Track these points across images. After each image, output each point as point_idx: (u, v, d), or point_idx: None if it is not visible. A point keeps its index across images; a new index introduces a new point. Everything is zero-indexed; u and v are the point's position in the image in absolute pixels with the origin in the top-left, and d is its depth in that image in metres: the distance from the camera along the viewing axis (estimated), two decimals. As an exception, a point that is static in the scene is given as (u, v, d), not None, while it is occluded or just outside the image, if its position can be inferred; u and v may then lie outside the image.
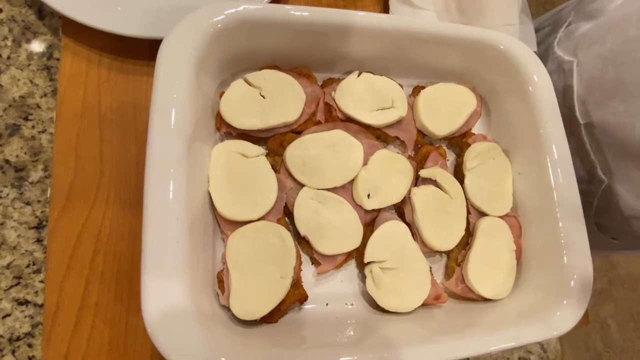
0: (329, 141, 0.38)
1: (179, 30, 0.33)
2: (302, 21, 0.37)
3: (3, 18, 0.40)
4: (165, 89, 0.32)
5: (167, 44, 0.32)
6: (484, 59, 0.42)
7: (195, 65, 0.33)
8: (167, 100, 0.32)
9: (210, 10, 0.34)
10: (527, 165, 0.42)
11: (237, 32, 0.35)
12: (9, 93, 0.38)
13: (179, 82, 0.32)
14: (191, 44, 0.33)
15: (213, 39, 0.34)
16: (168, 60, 0.32)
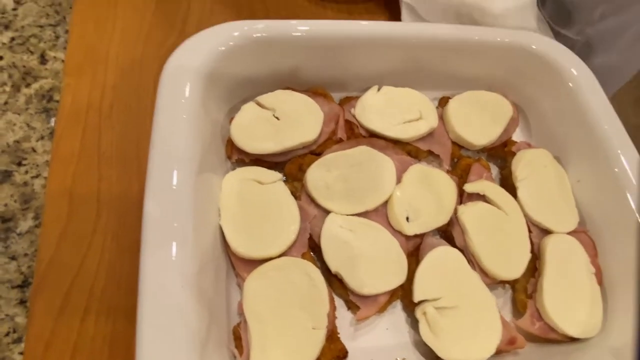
0: (354, 159, 0.32)
1: (183, 51, 0.28)
2: (314, 35, 0.32)
3: (3, 65, 0.37)
4: (168, 114, 0.27)
5: (171, 65, 0.28)
6: (514, 61, 0.36)
7: (202, 88, 0.28)
8: (170, 127, 0.27)
9: (216, 30, 0.30)
10: (586, 170, 0.34)
11: (245, 51, 0.31)
12: (4, 138, 0.33)
13: (183, 106, 0.27)
14: (196, 65, 0.28)
15: (220, 60, 0.29)
16: (171, 82, 0.27)
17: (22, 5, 0.40)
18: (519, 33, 0.36)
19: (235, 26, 0.30)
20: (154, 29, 0.39)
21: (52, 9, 0.40)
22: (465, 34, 0.35)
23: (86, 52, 0.37)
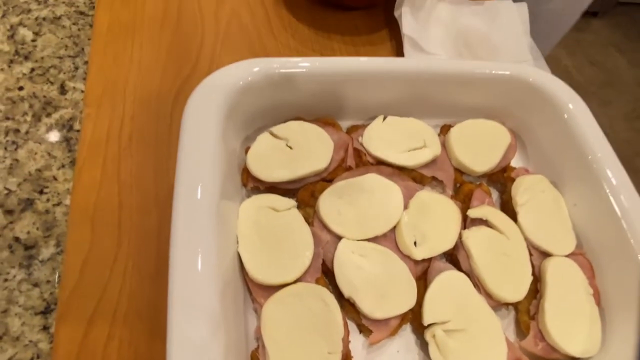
0: (364, 186, 0.33)
1: (206, 87, 0.30)
2: (324, 71, 0.34)
3: (24, 95, 0.38)
4: (192, 147, 0.29)
5: (194, 101, 0.29)
6: (512, 93, 0.38)
7: (222, 121, 0.30)
8: (194, 159, 0.28)
9: (235, 67, 0.32)
10: (581, 195, 0.36)
11: (261, 87, 0.33)
12: (26, 167, 0.35)
13: (206, 139, 0.29)
14: (218, 101, 0.30)
15: (239, 95, 0.31)
16: (195, 117, 0.29)
17: (41, 37, 0.42)
18: (518, 67, 0.38)
19: (253, 63, 0.32)
20: (169, 61, 0.41)
21: (71, 41, 0.42)
22: (466, 67, 0.37)
23: (105, 84, 0.38)
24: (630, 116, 2.00)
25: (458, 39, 0.50)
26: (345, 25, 0.48)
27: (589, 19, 2.30)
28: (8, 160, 0.35)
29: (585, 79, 2.07)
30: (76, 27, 0.43)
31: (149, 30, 0.42)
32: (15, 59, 0.40)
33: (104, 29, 0.41)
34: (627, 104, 2.05)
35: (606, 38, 2.27)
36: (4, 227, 0.32)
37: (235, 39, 0.44)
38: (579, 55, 2.16)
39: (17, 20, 0.42)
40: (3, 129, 0.36)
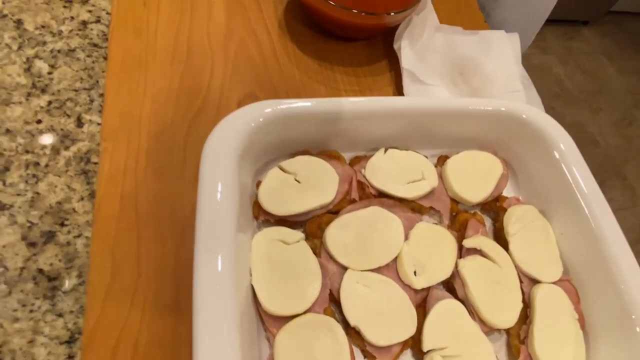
0: (367, 219, 0.36)
1: (221, 129, 0.32)
2: (331, 111, 0.37)
3: (42, 128, 0.40)
4: (210, 185, 0.31)
5: (211, 143, 0.32)
6: (506, 128, 0.41)
7: (237, 161, 0.33)
8: (212, 196, 0.31)
9: (248, 109, 0.34)
10: (568, 225, 0.39)
11: (271, 126, 0.35)
12: (46, 200, 0.37)
13: (223, 180, 0.31)
14: (233, 143, 0.32)
15: (252, 135, 0.34)
16: (212, 159, 0.31)
17: (56, 69, 0.44)
18: (512, 104, 0.41)
19: (264, 105, 0.35)
20: (181, 93, 0.43)
21: (85, 73, 0.44)
22: (463, 105, 0.40)
23: (121, 117, 0.40)
24: (620, 124, 2.06)
25: (453, 68, 0.53)
26: (347, 56, 0.50)
27: (579, 28, 2.36)
28: (29, 193, 0.37)
29: (576, 87, 2.12)
30: (90, 60, 0.45)
31: (161, 62, 0.44)
32: (33, 92, 0.42)
33: (118, 63, 0.43)
34: (617, 111, 2.11)
35: (597, 46, 2.33)
36: (27, 260, 0.34)
37: (243, 70, 0.46)
38: (571, 63, 2.22)
39: (33, 52, 0.44)
40: (23, 162, 0.38)
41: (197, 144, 0.40)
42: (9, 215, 0.35)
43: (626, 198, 1.81)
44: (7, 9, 0.46)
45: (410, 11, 0.46)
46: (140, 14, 0.47)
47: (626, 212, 1.77)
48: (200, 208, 0.30)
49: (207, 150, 0.32)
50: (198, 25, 0.48)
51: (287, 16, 0.51)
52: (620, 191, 1.82)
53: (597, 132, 1.99)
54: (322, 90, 0.47)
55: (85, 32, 0.46)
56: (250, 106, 0.34)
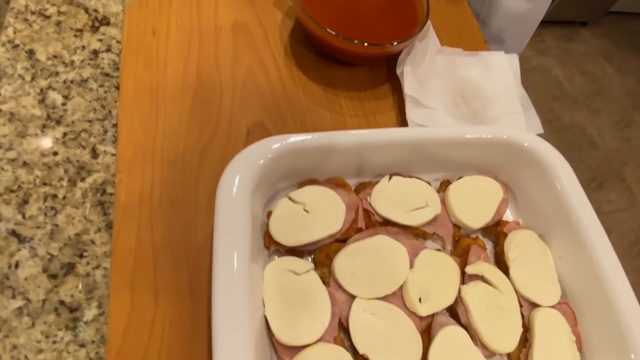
0: (374, 248, 0.37)
1: (234, 167, 0.34)
2: (337, 143, 0.38)
3: (59, 160, 0.41)
4: (226, 218, 0.33)
5: (225, 180, 0.33)
6: (506, 155, 0.43)
7: (250, 192, 0.34)
8: (228, 229, 0.33)
9: (258, 146, 0.36)
10: (565, 249, 0.41)
11: (281, 160, 0.37)
12: (65, 232, 0.38)
13: (237, 210, 0.33)
14: (246, 178, 0.34)
15: (262, 170, 0.35)
16: (227, 194, 0.33)
17: (70, 100, 0.45)
18: (512, 132, 0.43)
19: (273, 141, 0.36)
20: (192, 123, 0.44)
21: (99, 104, 0.45)
22: (464, 134, 0.42)
23: (135, 149, 0.42)
24: (619, 125, 2.07)
25: (455, 90, 0.54)
26: (350, 81, 0.52)
27: (578, 29, 2.37)
28: (48, 226, 0.38)
29: (575, 88, 2.14)
30: (102, 90, 0.46)
31: (171, 91, 0.46)
32: (48, 124, 0.43)
33: (130, 93, 0.45)
34: (615, 112, 2.13)
35: (595, 47, 2.34)
36: (49, 291, 0.35)
37: (251, 98, 0.48)
38: (569, 64, 2.23)
39: (46, 83, 0.45)
40: (42, 194, 0.39)
41: (209, 173, 0.42)
42: (30, 248, 0.37)
43: (624, 199, 1.83)
44: (18, 38, 0.48)
45: (412, 39, 0.48)
46: (150, 42, 0.48)
47: (625, 213, 1.79)
48: (217, 243, 0.32)
49: (221, 187, 0.33)
50: (206, 54, 0.49)
51: (292, 42, 0.52)
52: (619, 192, 1.84)
53: (595, 133, 2.01)
54: (327, 116, 0.49)
55: (97, 61, 0.48)
56: (261, 142, 0.36)
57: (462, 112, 0.53)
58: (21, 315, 0.34)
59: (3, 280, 0.35)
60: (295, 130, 0.47)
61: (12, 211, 0.38)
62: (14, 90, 0.44)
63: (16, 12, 0.49)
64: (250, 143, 0.44)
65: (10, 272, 0.36)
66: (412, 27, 0.50)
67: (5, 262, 0.36)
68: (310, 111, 0.48)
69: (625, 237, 1.77)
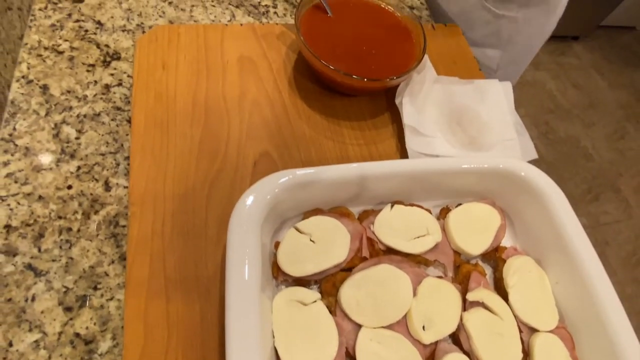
0: (378, 277, 0.39)
1: (244, 202, 0.36)
2: (341, 176, 0.41)
3: (73, 194, 0.43)
4: (237, 250, 0.34)
5: (236, 213, 0.35)
6: (504, 183, 0.45)
7: (260, 224, 0.36)
8: (239, 260, 0.34)
9: (267, 180, 0.37)
10: (562, 274, 0.43)
11: (288, 192, 0.38)
12: (80, 264, 0.40)
13: (248, 243, 0.35)
14: (255, 213, 0.36)
15: (271, 202, 0.37)
16: (238, 229, 0.35)
17: (83, 134, 0.47)
18: (509, 161, 0.45)
19: (281, 175, 0.38)
20: (201, 155, 0.46)
21: (111, 137, 0.47)
22: (463, 163, 0.44)
23: (147, 182, 0.43)
24: (613, 137, 2.12)
25: (452, 118, 0.57)
26: (352, 111, 0.54)
27: (570, 43, 2.43)
28: (63, 259, 0.40)
29: (568, 101, 2.19)
30: (115, 123, 0.48)
31: (181, 124, 0.48)
32: (62, 158, 0.45)
33: (141, 127, 0.47)
34: (609, 125, 2.18)
35: (588, 61, 2.40)
36: (65, 324, 0.37)
37: (257, 129, 0.50)
38: (562, 78, 2.28)
39: (60, 118, 0.47)
40: (57, 228, 0.41)
41: (217, 204, 0.44)
42: (46, 281, 0.38)
43: (620, 211, 1.85)
44: (32, 74, 0.50)
45: (410, 73, 0.50)
46: (160, 77, 0.51)
47: (621, 224, 1.81)
48: (229, 275, 0.33)
49: (232, 222, 0.35)
50: (214, 86, 0.51)
51: (295, 74, 0.55)
52: (615, 204, 1.87)
53: (590, 145, 2.05)
54: (330, 145, 0.51)
55: (109, 95, 0.50)
56: (269, 178, 0.38)
57: (460, 139, 0.55)
58: (38, 348, 0.35)
59: (20, 313, 0.37)
60: (300, 159, 0.49)
61: (28, 245, 0.40)
62: (29, 125, 0.46)
63: (29, 48, 0.52)
64: (257, 174, 0.46)
65: (27, 306, 0.37)
66: (409, 60, 0.52)
67: (22, 295, 0.37)
68: (313, 141, 0.51)
69: (623, 249, 1.79)
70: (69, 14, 0.56)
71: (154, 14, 0.58)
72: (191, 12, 0.59)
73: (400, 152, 0.52)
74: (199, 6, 0.60)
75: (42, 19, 0.54)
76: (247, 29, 0.57)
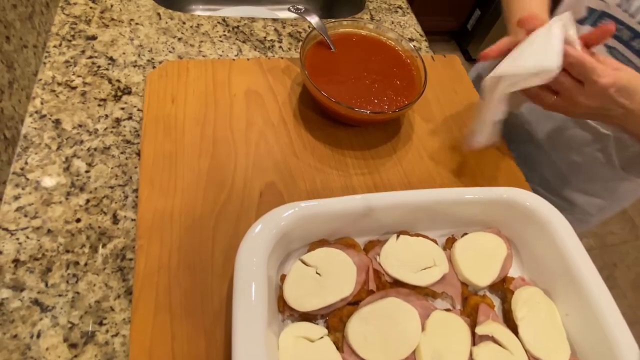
0: (386, 311, 0.39)
1: (251, 237, 0.36)
2: (346, 208, 0.41)
3: (81, 227, 0.43)
4: (244, 285, 0.34)
5: (243, 249, 0.35)
6: (510, 212, 0.45)
7: (266, 258, 0.36)
8: (246, 296, 0.34)
9: (273, 213, 0.38)
10: (571, 306, 0.42)
11: (293, 225, 0.39)
12: (85, 300, 0.39)
13: (254, 277, 0.35)
14: (262, 247, 0.36)
15: (277, 236, 0.37)
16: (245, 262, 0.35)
17: (93, 167, 0.48)
18: (513, 190, 0.45)
19: (287, 208, 0.39)
20: (209, 186, 0.47)
21: (120, 170, 0.48)
22: (469, 194, 0.44)
23: (154, 215, 0.44)
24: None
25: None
26: (356, 141, 0.55)
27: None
28: (70, 293, 0.39)
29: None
30: (124, 156, 0.49)
31: (189, 157, 0.49)
32: (72, 191, 0.45)
33: (150, 160, 0.47)
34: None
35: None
36: (69, 361, 0.36)
37: (263, 160, 0.50)
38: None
39: (71, 152, 0.48)
40: (64, 262, 0.41)
41: (224, 235, 0.44)
42: (52, 317, 0.38)
43: (627, 231, 1.83)
44: (45, 109, 0.51)
45: (411, 105, 0.51)
46: (169, 111, 0.52)
47: (628, 245, 1.78)
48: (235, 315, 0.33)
49: (239, 258, 0.35)
50: (221, 119, 0.53)
51: (300, 106, 0.56)
52: (621, 224, 1.85)
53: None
54: (334, 175, 0.51)
55: (119, 129, 0.51)
56: (274, 212, 0.38)
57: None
58: (41, 387, 0.35)
59: (25, 350, 0.36)
60: (305, 189, 0.49)
61: (35, 280, 0.40)
62: (41, 159, 0.47)
63: (43, 84, 0.54)
64: (263, 204, 0.47)
65: (32, 342, 0.37)
66: (411, 92, 0.53)
67: (28, 332, 0.37)
68: (318, 171, 0.51)
69: (632, 270, 1.76)
70: (83, 51, 0.58)
71: (164, 49, 0.60)
72: (200, 47, 0.62)
73: (404, 180, 0.52)
74: (207, 42, 0.63)
75: (56, 55, 0.56)
76: (254, 63, 0.59)
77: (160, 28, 0.63)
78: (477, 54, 2.02)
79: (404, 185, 0.52)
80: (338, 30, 0.57)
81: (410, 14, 0.77)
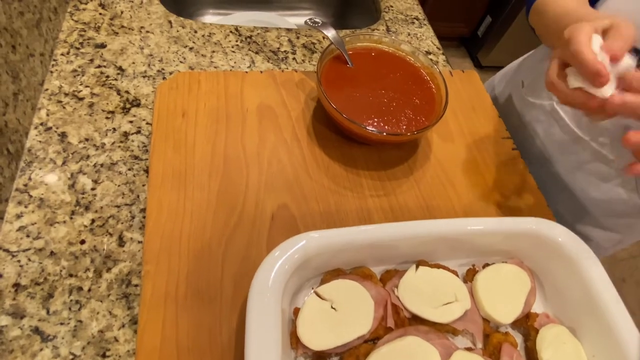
0: (405, 351, 0.36)
1: (264, 270, 0.34)
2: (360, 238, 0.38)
3: (86, 249, 0.41)
4: (257, 319, 0.32)
5: (257, 281, 0.33)
6: (532, 242, 0.42)
7: (280, 290, 0.34)
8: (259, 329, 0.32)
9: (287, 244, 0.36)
10: (598, 346, 0.39)
11: (307, 255, 0.36)
12: (88, 329, 0.37)
13: (267, 309, 0.33)
14: (275, 280, 0.34)
15: (291, 267, 0.35)
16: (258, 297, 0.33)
17: (99, 185, 0.45)
18: (536, 220, 0.42)
19: (300, 238, 0.36)
20: (219, 207, 0.44)
21: (127, 187, 0.46)
22: (495, 225, 0.42)
23: (162, 238, 0.41)
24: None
25: None
26: (372, 161, 0.52)
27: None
28: (72, 322, 0.37)
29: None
30: (131, 173, 0.47)
31: (199, 176, 0.46)
32: (77, 210, 0.43)
33: (159, 179, 0.45)
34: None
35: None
36: (70, 397, 0.34)
37: (275, 180, 0.48)
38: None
39: (77, 167, 0.46)
40: (67, 287, 0.39)
41: (233, 261, 0.41)
42: (52, 347, 0.36)
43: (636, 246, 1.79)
44: (51, 121, 0.49)
45: (430, 128, 0.49)
46: (180, 125, 0.50)
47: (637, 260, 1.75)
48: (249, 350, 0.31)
49: (252, 294, 0.33)
50: (233, 136, 0.50)
51: (314, 122, 0.54)
52: (629, 238, 1.81)
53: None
54: (349, 196, 0.49)
55: (127, 143, 0.49)
56: (288, 241, 0.36)
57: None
58: None
59: (23, 384, 0.34)
60: (319, 211, 0.47)
61: (36, 306, 0.37)
62: (45, 174, 0.45)
63: (50, 94, 0.51)
64: (275, 228, 0.44)
65: (31, 376, 0.34)
66: (430, 113, 0.51)
67: (27, 363, 0.35)
68: (332, 192, 0.49)
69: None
70: (91, 59, 0.55)
71: (175, 59, 0.58)
72: (211, 57, 0.59)
73: (422, 204, 0.50)
74: (219, 52, 0.60)
75: (64, 64, 0.54)
76: (267, 77, 0.56)
77: (172, 37, 0.60)
78: (486, 61, 1.98)
79: (422, 208, 0.49)
80: (355, 45, 0.55)
81: (427, 25, 0.74)
